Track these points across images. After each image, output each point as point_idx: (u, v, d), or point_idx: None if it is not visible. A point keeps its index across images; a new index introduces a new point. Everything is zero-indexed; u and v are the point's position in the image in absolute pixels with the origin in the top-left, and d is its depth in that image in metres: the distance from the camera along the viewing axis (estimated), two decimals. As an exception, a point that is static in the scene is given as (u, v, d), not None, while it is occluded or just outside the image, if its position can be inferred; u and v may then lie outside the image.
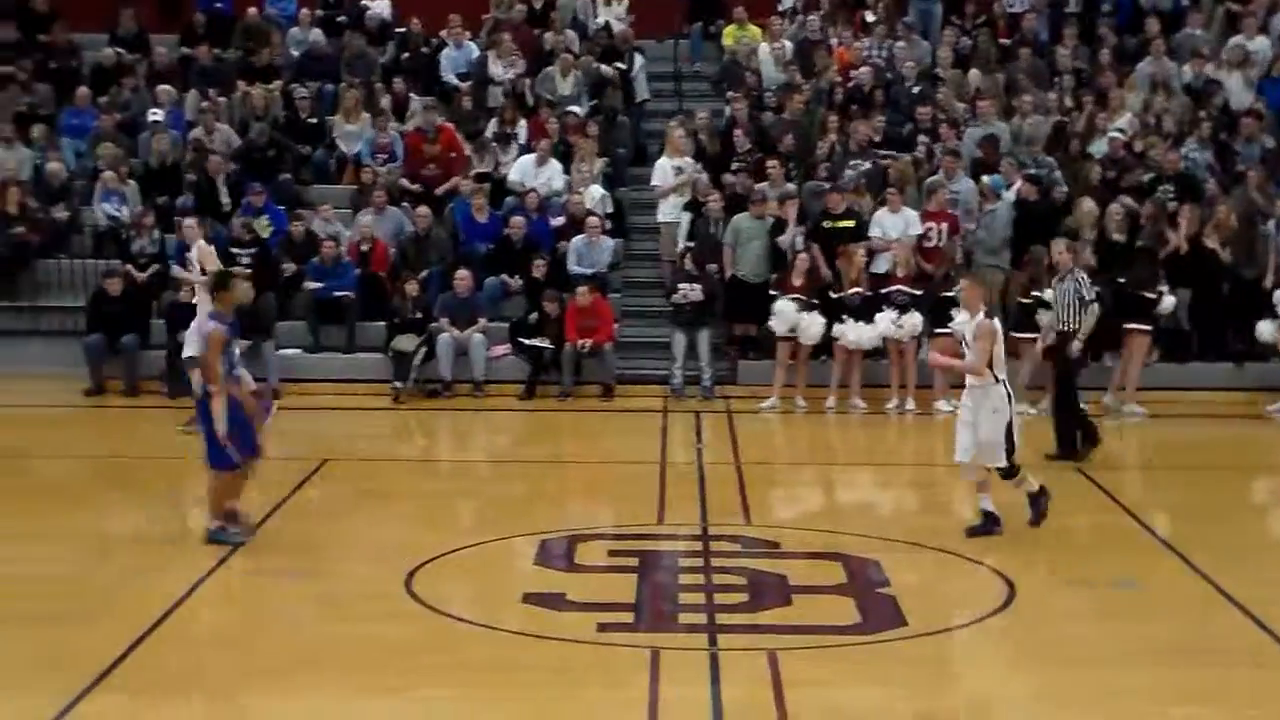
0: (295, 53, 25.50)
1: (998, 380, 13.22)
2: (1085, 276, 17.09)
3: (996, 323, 13.43)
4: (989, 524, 13.39)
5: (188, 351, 16.08)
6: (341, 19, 26.04)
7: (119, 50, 25.60)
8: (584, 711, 9.78)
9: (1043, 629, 11.27)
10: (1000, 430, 13.18)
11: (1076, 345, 16.69)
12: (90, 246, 22.48)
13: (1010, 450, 13.26)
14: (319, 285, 21.39)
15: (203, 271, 16.02)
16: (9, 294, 21.93)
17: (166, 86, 24.48)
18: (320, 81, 24.83)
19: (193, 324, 15.68)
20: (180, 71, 25.16)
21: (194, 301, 16.32)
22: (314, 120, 24.22)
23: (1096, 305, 16.76)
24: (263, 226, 21.88)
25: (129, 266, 21.35)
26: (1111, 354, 19.66)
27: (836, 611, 11.52)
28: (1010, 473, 13.43)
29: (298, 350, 21.18)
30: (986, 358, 13.17)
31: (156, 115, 23.89)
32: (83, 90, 24.56)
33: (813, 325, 19.59)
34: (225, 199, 22.37)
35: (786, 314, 19.67)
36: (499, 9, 25.98)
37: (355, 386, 20.68)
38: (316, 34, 25.61)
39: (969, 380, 13.45)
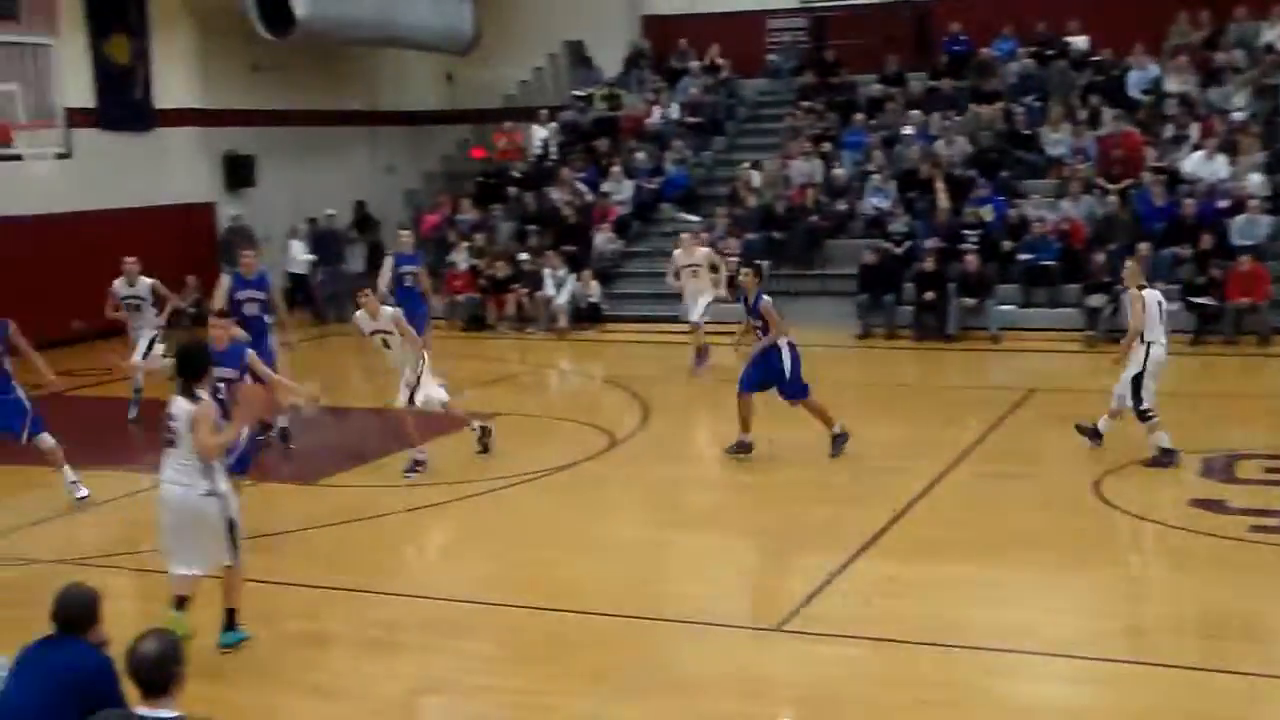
0: (1013, 79, 25.43)
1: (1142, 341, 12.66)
2: None
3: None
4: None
5: None
6: (1049, 52, 25.74)
7: (884, 85, 26.27)
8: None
9: None
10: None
11: None
12: (861, 229, 23.23)
13: (1136, 399, 12.70)
14: (1030, 256, 21.51)
15: None
16: (806, 265, 23.07)
17: (916, 110, 25.07)
18: (1033, 100, 24.72)
19: None
20: (927, 98, 25.59)
21: None
22: (1028, 131, 24.14)
23: None
24: (986, 213, 22.18)
25: (887, 244, 22.13)
26: None
27: None
28: (1142, 416, 12.80)
29: (1012, 306, 21.31)
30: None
31: (909, 131, 24.53)
32: (858, 116, 25.43)
33: None
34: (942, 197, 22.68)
35: None
36: (1178, 36, 25.03)
37: (1056, 335, 20.49)
38: (1030, 64, 25.49)
39: None
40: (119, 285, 15.57)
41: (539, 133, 27.41)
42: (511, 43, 28.83)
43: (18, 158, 17.23)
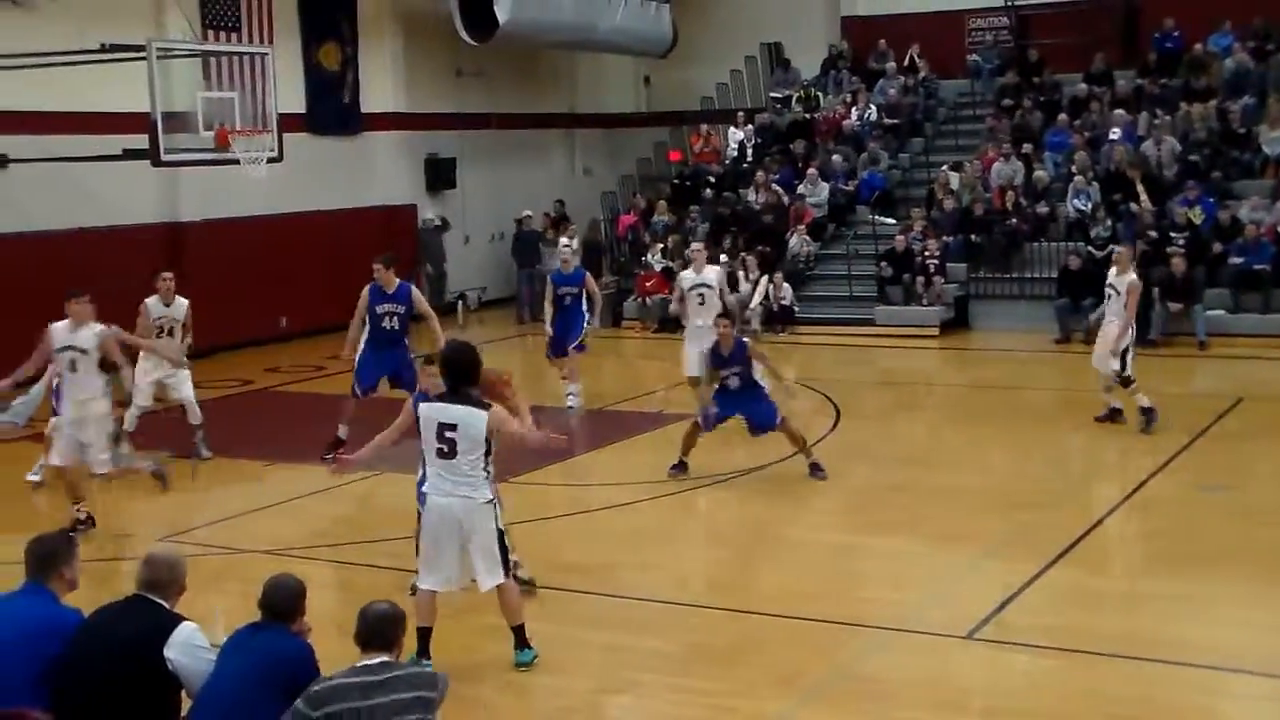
0: (1228, 75, 24.56)
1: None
2: None
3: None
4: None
5: None
6: (1269, 46, 24.79)
7: (1089, 84, 25.62)
8: None
9: None
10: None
11: None
12: (1062, 232, 22.69)
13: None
14: (1240, 260, 20.77)
15: None
16: (1004, 268, 22.69)
17: (1121, 110, 24.38)
18: (1249, 97, 23.83)
19: None
20: (1134, 98, 24.88)
21: None
22: (1242, 130, 23.31)
23: None
24: (1196, 215, 21.48)
25: (1089, 248, 21.58)
26: None
27: None
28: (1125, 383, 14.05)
29: (1220, 311, 20.59)
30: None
31: (1114, 133, 23.87)
32: (1062, 116, 24.84)
33: None
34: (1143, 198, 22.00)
35: None
36: None
37: (1268, 341, 19.74)
38: (1245, 58, 24.58)
39: None
40: (153, 304, 14.22)
41: (735, 135, 27.44)
42: (709, 45, 28.90)
43: (235, 161, 17.88)
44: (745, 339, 13.45)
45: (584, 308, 16.32)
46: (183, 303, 14.24)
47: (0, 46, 17.76)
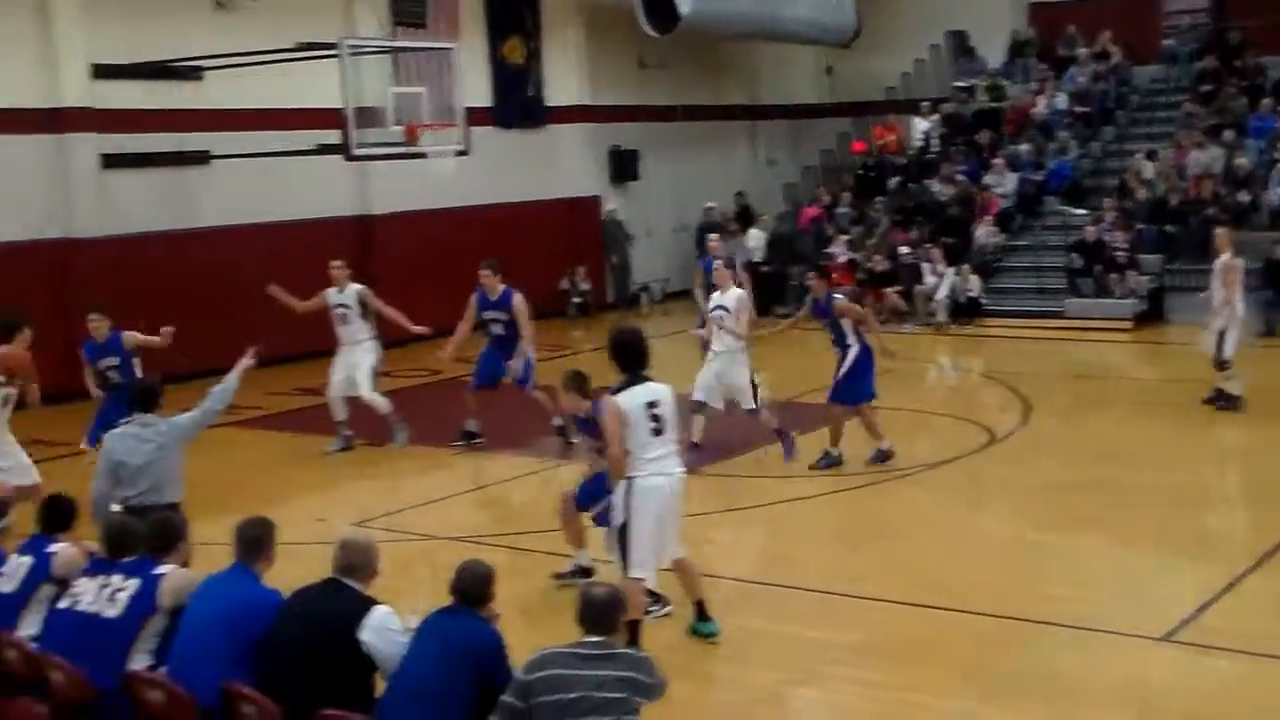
0: None
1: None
2: None
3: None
4: None
5: None
6: None
7: (1299, 66, 24.72)
8: None
9: None
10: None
11: None
12: (1266, 221, 21.91)
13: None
14: None
15: None
16: (1201, 259, 21.86)
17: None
18: None
19: None
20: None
21: None
22: None
23: None
24: None
25: (1297, 237, 20.85)
26: None
27: None
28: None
29: None
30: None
31: (1323, 117, 22.97)
32: (1266, 101, 23.95)
33: None
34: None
35: None
36: None
37: None
38: None
39: None
40: (330, 293, 14.52)
41: (920, 125, 27.10)
42: (893, 34, 28.57)
43: (423, 155, 18.30)
44: (837, 295, 13.24)
45: None
46: (354, 288, 14.46)
47: (204, 48, 18.46)
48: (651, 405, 8.26)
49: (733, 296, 13.60)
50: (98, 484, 8.86)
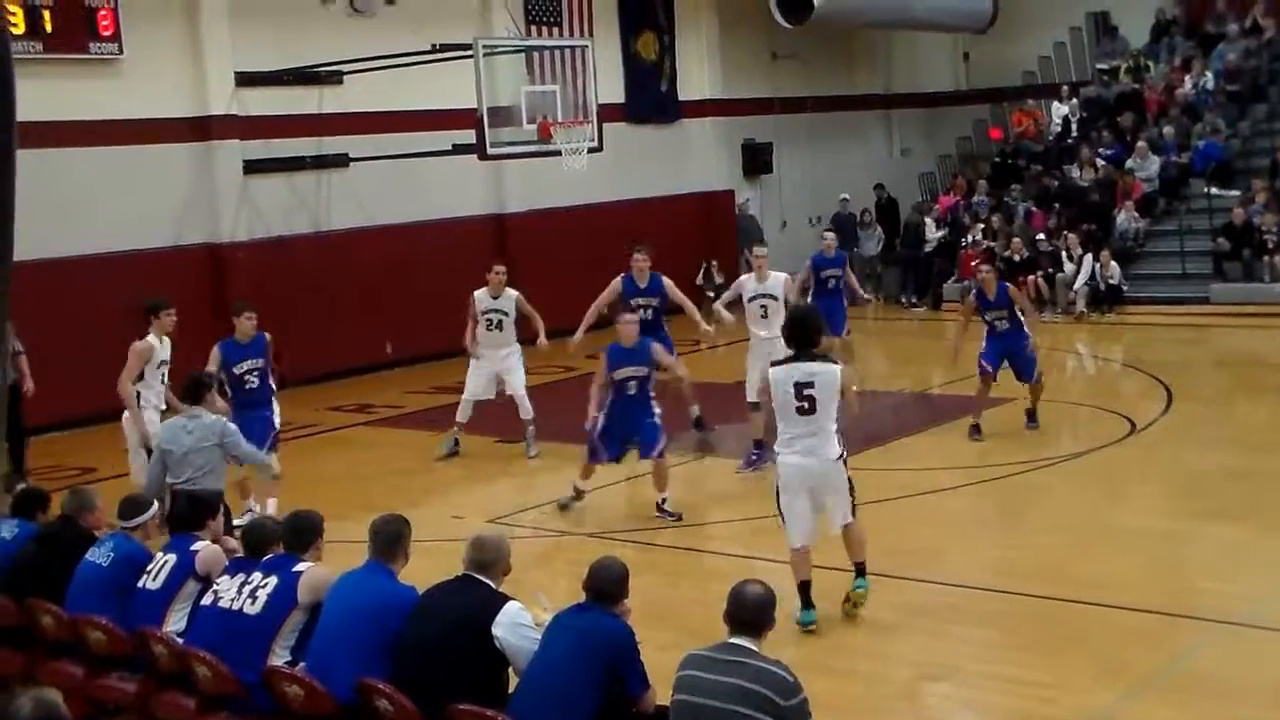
0: None
1: None
2: None
3: None
4: None
5: None
6: None
7: None
8: None
9: None
10: None
11: None
12: None
13: None
14: None
15: None
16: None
17: None
18: None
19: None
20: None
21: None
22: None
23: None
24: None
25: None
26: None
27: None
28: None
29: None
30: None
31: None
32: None
33: None
34: None
35: None
36: None
37: None
38: None
39: None
40: (481, 296, 14.24)
41: (1059, 110, 26.57)
42: (1032, 17, 28.04)
43: (556, 153, 18.42)
44: (1007, 284, 13.91)
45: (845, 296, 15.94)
46: (512, 294, 14.28)
47: (344, 53, 18.80)
48: (803, 385, 8.44)
49: (778, 283, 13.49)
50: (152, 468, 9.58)
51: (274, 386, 12.20)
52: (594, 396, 11.63)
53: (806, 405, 8.44)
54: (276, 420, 12.04)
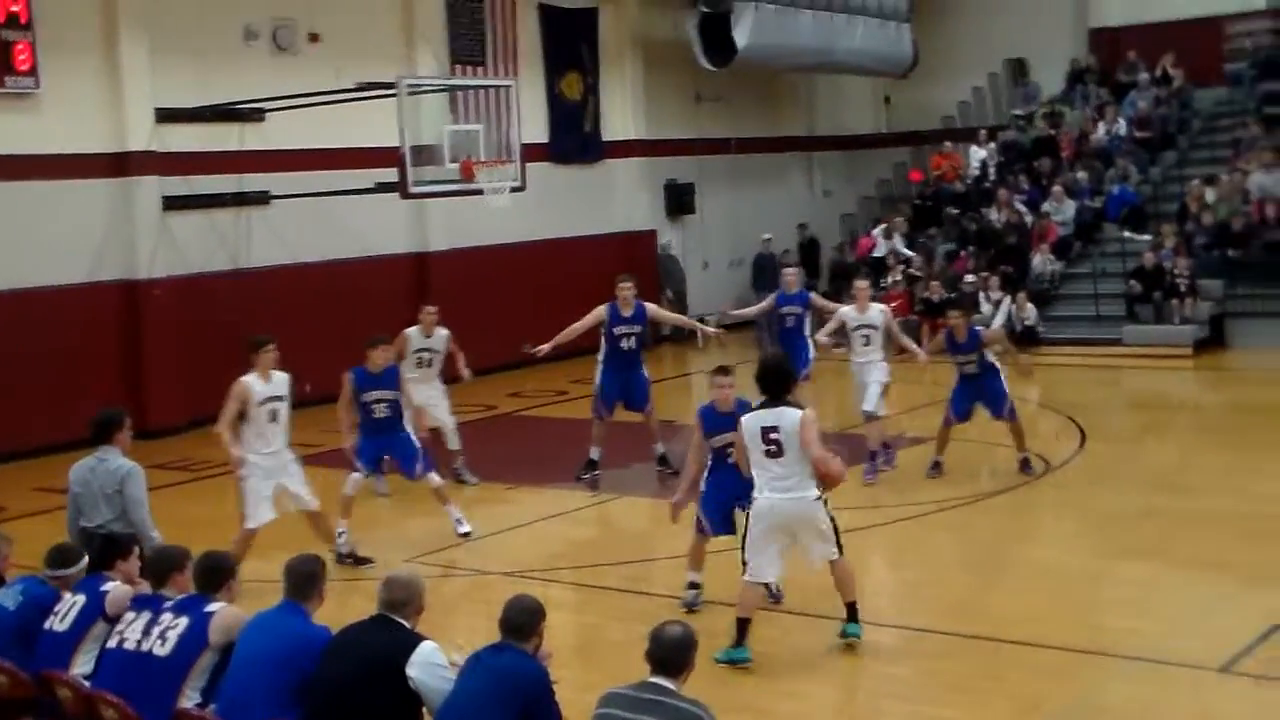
0: None
1: None
2: None
3: None
4: None
5: None
6: None
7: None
8: None
9: None
10: None
11: None
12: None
13: None
14: None
15: None
16: (1266, 284, 21.63)
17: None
18: None
19: None
20: None
21: None
22: None
23: None
24: None
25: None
26: None
27: None
28: None
29: None
30: None
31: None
32: (1326, 123, 23.71)
33: None
34: None
35: None
36: None
37: None
38: None
39: None
40: (414, 334, 14.33)
41: (977, 153, 26.98)
42: (951, 63, 28.53)
43: (479, 192, 18.41)
44: (979, 327, 14.16)
45: (807, 332, 15.76)
46: (443, 333, 14.38)
47: (267, 90, 18.69)
48: (769, 429, 8.60)
49: (876, 314, 14.30)
50: (69, 510, 9.22)
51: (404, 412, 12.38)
52: (690, 465, 10.10)
53: (774, 449, 8.62)
54: (415, 440, 12.33)
